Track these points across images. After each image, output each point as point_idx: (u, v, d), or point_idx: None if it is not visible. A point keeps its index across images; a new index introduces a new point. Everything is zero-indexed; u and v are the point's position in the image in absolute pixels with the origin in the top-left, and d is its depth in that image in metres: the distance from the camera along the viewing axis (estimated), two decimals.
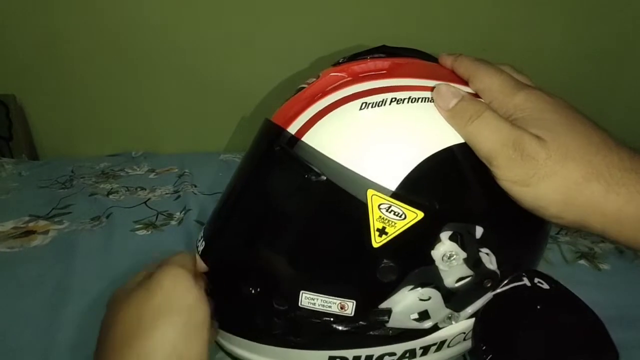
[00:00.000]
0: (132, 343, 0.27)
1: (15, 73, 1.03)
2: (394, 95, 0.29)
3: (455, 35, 1.04)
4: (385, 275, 0.29)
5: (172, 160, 0.98)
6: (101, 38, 1.00)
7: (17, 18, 0.98)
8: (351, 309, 0.29)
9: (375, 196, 0.28)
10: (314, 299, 0.29)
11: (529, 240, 0.34)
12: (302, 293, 0.29)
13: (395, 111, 0.29)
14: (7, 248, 0.64)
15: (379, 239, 0.28)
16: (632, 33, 1.08)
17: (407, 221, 0.28)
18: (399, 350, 0.33)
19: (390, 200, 0.28)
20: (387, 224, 0.28)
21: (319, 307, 0.29)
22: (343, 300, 0.29)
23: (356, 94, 0.30)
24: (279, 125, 0.31)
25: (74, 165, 0.96)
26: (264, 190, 0.31)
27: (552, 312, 0.31)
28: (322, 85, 0.32)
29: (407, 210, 0.28)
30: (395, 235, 0.28)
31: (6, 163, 0.97)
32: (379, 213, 0.27)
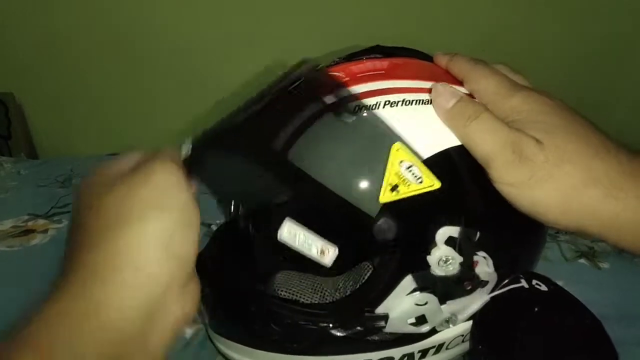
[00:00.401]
0: (116, 234, 0.24)
1: (14, 72, 1.03)
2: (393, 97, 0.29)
3: (454, 34, 1.04)
4: (380, 232, 0.27)
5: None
6: (101, 37, 1.00)
7: (17, 17, 0.98)
8: (330, 258, 0.28)
9: (400, 150, 0.27)
10: (296, 233, 0.27)
11: (527, 242, 0.34)
12: (286, 220, 0.27)
13: (397, 112, 0.29)
14: (6, 247, 0.64)
15: (388, 194, 0.27)
16: (632, 33, 1.08)
17: (423, 186, 0.27)
18: (397, 355, 0.32)
19: (413, 160, 0.27)
20: (402, 182, 0.27)
21: (298, 244, 0.28)
22: (326, 244, 0.28)
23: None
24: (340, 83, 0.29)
25: (73, 164, 0.96)
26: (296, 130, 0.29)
27: (550, 313, 0.31)
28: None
29: (426, 176, 0.27)
30: (406, 196, 0.27)
31: (5, 162, 0.97)
32: (398, 168, 0.27)
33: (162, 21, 0.99)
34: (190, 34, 1.00)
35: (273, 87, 0.30)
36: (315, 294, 0.39)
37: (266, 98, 0.29)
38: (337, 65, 0.34)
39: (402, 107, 0.29)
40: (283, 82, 0.30)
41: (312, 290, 0.39)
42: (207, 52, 1.01)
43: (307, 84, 0.29)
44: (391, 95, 0.29)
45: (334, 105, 0.28)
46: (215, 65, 1.01)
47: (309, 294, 0.38)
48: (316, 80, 0.29)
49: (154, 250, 0.24)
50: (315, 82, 0.29)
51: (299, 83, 0.29)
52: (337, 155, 0.27)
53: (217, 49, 1.00)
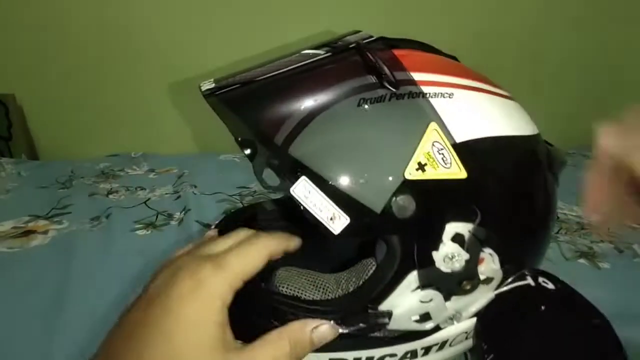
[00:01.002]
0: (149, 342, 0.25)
1: (15, 73, 1.03)
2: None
3: (451, 24, 1.04)
4: (398, 208, 0.26)
5: (171, 161, 0.98)
6: (102, 39, 1.00)
7: (18, 18, 0.98)
8: (340, 226, 0.26)
9: (435, 131, 0.27)
10: (310, 190, 0.26)
11: (533, 239, 0.34)
12: (302, 177, 0.26)
13: (439, 100, 0.29)
14: (6, 248, 0.63)
15: (414, 172, 0.26)
16: (634, 30, 1.09)
17: (449, 173, 0.27)
18: (400, 352, 0.32)
19: (445, 143, 0.27)
20: (431, 163, 0.26)
21: (310, 204, 0.26)
22: (338, 210, 0.27)
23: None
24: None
25: (73, 165, 0.96)
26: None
27: (557, 313, 0.30)
28: None
29: (454, 162, 0.27)
30: (431, 179, 0.26)
31: (6, 163, 0.97)
32: (429, 148, 0.27)
33: (162, 22, 0.99)
34: (190, 35, 1.00)
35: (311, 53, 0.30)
36: (317, 290, 0.38)
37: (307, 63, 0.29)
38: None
39: (443, 98, 0.29)
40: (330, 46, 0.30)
41: (314, 287, 0.38)
42: (207, 52, 1.01)
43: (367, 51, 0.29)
44: (434, 88, 0.29)
45: (382, 78, 0.28)
46: (215, 65, 1.01)
47: (310, 291, 0.38)
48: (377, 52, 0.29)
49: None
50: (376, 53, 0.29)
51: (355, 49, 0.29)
52: (374, 123, 0.27)
53: (217, 49, 1.00)
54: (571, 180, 0.93)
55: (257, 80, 0.29)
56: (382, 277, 0.30)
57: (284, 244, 0.30)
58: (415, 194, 0.27)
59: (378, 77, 0.28)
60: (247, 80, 0.29)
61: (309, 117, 0.27)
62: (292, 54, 0.31)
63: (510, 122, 0.32)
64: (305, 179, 0.26)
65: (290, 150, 0.27)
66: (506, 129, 0.31)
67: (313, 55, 0.30)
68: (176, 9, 0.99)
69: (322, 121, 0.27)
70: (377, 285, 0.30)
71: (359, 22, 0.57)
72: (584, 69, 1.12)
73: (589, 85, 1.13)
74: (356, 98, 0.27)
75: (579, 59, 1.11)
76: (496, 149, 0.29)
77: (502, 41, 1.07)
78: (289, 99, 0.28)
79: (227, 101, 0.28)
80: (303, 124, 0.27)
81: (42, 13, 0.98)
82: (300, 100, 0.28)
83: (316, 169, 0.26)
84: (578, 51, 1.10)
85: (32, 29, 0.99)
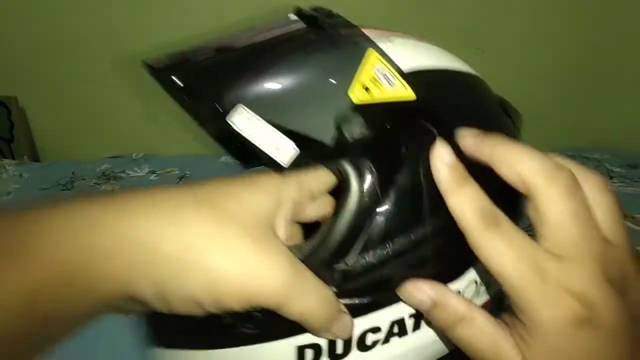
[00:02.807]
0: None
1: (17, 75, 1.03)
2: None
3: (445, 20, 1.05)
4: (347, 127, 0.25)
5: (172, 162, 0.98)
6: (102, 40, 1.01)
7: (19, 20, 0.99)
8: (287, 156, 0.24)
9: (375, 56, 0.26)
10: (250, 120, 0.24)
11: None
12: (240, 107, 0.24)
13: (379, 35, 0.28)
14: None
15: (358, 94, 0.25)
16: (633, 32, 1.09)
17: (397, 94, 0.25)
18: (383, 323, 0.27)
19: (388, 67, 0.26)
20: (375, 85, 0.25)
21: (250, 134, 0.24)
22: (284, 139, 0.24)
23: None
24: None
25: (75, 167, 0.96)
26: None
27: None
28: None
29: (400, 84, 0.25)
30: (378, 101, 0.25)
31: (7, 164, 0.97)
32: (371, 72, 0.25)
33: (162, 23, 0.99)
34: (190, 35, 1.00)
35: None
36: None
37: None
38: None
39: (384, 43, 0.27)
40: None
41: None
42: None
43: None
44: (375, 36, 0.28)
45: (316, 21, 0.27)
46: None
47: None
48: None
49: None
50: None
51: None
52: (315, 58, 0.26)
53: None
54: None
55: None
56: (343, 219, 0.26)
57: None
58: (362, 114, 0.25)
59: (320, 27, 0.27)
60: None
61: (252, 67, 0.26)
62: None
63: (456, 61, 0.30)
64: (243, 106, 0.24)
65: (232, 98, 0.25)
66: (452, 64, 0.29)
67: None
68: (176, 10, 0.99)
69: (259, 66, 0.26)
70: (338, 231, 0.26)
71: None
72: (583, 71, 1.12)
73: (588, 89, 1.14)
74: (298, 46, 0.26)
75: (579, 65, 1.11)
76: (445, 77, 0.28)
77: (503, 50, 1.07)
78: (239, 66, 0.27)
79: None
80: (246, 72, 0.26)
81: (44, 15, 0.98)
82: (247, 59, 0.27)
83: (255, 98, 0.25)
84: (577, 57, 1.11)
85: (33, 32, 0.99)
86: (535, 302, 0.20)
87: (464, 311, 0.23)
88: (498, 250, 0.21)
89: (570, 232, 0.20)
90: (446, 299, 0.24)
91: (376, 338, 0.27)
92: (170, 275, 0.21)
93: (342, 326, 0.25)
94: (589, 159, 0.99)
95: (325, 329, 0.24)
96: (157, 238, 0.21)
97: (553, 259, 0.20)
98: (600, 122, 1.15)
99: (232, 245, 0.22)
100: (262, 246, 0.22)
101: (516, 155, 0.22)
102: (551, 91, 1.13)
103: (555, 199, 0.21)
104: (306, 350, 0.26)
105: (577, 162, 0.23)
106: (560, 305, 0.20)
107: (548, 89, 1.12)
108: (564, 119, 1.15)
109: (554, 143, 1.09)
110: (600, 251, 0.21)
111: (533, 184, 0.21)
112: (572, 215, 0.20)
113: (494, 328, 0.22)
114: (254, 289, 0.22)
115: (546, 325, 0.20)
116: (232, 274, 0.21)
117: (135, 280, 0.20)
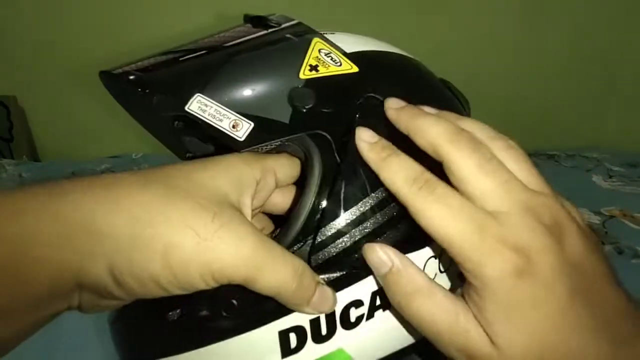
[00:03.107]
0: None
1: (17, 74, 1.03)
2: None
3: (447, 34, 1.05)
4: (299, 98, 0.26)
5: (172, 162, 0.98)
6: (101, 39, 1.01)
7: (19, 20, 0.99)
8: (244, 132, 0.26)
9: (320, 42, 0.28)
10: (208, 105, 0.26)
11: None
12: (197, 95, 0.25)
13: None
14: None
15: (307, 73, 0.27)
16: (632, 32, 1.09)
17: (342, 69, 0.28)
18: (365, 296, 0.26)
19: (332, 50, 0.28)
20: (321, 64, 0.27)
21: (208, 117, 0.25)
22: (240, 118, 0.26)
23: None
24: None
25: (74, 167, 0.96)
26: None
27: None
28: None
29: (344, 61, 0.28)
30: (325, 75, 0.27)
31: (7, 164, 0.97)
32: (316, 54, 0.28)
33: (161, 23, 0.99)
34: (190, 35, 1.00)
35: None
36: None
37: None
38: None
39: (327, 35, 0.30)
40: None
41: None
42: None
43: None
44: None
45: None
46: None
47: None
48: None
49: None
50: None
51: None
52: (264, 49, 0.28)
53: None
54: (577, 182, 0.93)
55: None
56: (310, 192, 0.27)
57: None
58: (313, 88, 0.27)
59: (269, 27, 0.29)
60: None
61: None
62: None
63: (398, 49, 0.32)
64: (200, 94, 0.25)
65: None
66: (394, 50, 0.31)
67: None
68: (176, 11, 0.99)
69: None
70: (305, 205, 0.26)
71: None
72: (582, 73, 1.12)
73: (587, 91, 1.14)
74: (250, 44, 0.28)
75: (578, 64, 1.11)
76: (386, 57, 0.30)
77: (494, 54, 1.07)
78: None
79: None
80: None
81: (43, 15, 0.98)
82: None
83: (210, 87, 0.26)
84: (577, 58, 1.11)
85: (33, 31, 0.99)
86: (478, 259, 0.20)
87: (422, 283, 0.23)
88: (435, 212, 0.21)
89: (485, 184, 0.21)
90: (406, 266, 0.23)
91: (360, 313, 0.26)
92: (120, 251, 0.20)
93: (322, 298, 0.24)
94: (588, 158, 0.99)
95: (302, 300, 0.23)
96: (102, 215, 0.20)
97: (486, 215, 0.21)
98: (600, 122, 1.15)
99: (183, 217, 0.21)
100: (220, 219, 0.21)
101: (425, 124, 0.24)
102: (551, 91, 1.13)
103: (459, 157, 0.22)
104: (290, 335, 0.26)
105: (486, 126, 0.25)
106: (499, 259, 0.20)
107: (548, 89, 1.12)
108: (564, 118, 1.15)
109: (554, 143, 1.09)
110: (526, 199, 0.21)
111: (440, 148, 0.22)
112: (478, 167, 0.21)
113: (453, 303, 0.22)
114: (215, 262, 0.21)
115: (491, 281, 0.20)
116: (186, 244, 0.20)
117: (85, 263, 0.19)
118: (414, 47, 0.34)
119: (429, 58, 0.33)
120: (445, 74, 0.32)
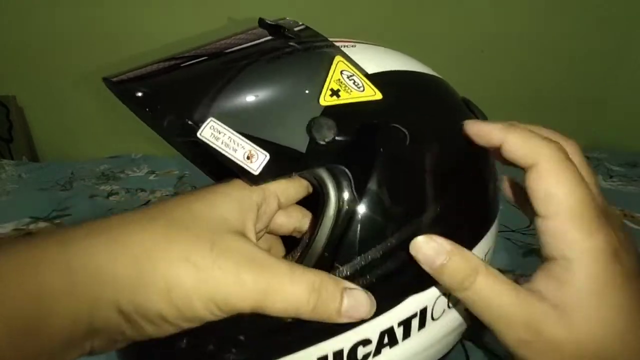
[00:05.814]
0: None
1: (16, 75, 1.03)
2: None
3: (453, 31, 1.04)
4: (318, 130, 0.25)
5: (172, 162, 0.98)
6: (101, 40, 1.01)
7: (18, 20, 0.99)
8: (259, 165, 0.24)
9: (342, 62, 0.27)
10: (221, 132, 0.24)
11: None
12: (210, 120, 0.24)
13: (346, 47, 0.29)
14: None
15: (328, 98, 0.25)
16: (632, 32, 1.09)
17: (365, 95, 0.26)
18: (373, 335, 0.26)
19: (355, 71, 0.27)
20: (343, 88, 0.26)
21: (220, 145, 0.24)
22: (255, 148, 0.24)
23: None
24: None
25: (74, 167, 0.96)
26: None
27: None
28: None
29: (367, 86, 0.27)
30: (347, 102, 0.26)
31: (6, 165, 0.97)
32: (338, 76, 0.26)
33: (161, 23, 0.99)
34: (190, 35, 1.00)
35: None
36: None
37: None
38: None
39: (347, 48, 0.28)
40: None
41: None
42: None
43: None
44: (339, 43, 0.29)
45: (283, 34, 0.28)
46: None
47: None
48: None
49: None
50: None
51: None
52: (283, 69, 0.26)
53: None
54: None
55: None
56: (324, 228, 0.26)
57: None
58: (334, 117, 0.25)
59: (287, 38, 0.28)
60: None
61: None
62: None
63: (420, 64, 0.31)
64: (213, 119, 0.24)
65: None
66: (416, 67, 0.30)
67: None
68: (175, 11, 0.99)
69: (232, 86, 0.26)
70: (318, 243, 0.26)
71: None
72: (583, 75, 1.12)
73: (587, 92, 1.14)
74: (266, 58, 0.27)
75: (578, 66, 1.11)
76: (410, 79, 0.29)
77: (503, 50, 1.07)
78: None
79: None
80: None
81: (43, 15, 0.98)
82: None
83: (224, 111, 0.24)
84: (578, 59, 1.11)
85: (33, 31, 0.99)
86: (577, 233, 0.21)
87: (479, 262, 0.23)
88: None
89: (579, 194, 0.22)
90: (460, 249, 0.23)
91: (367, 351, 0.26)
92: (126, 291, 0.20)
93: (355, 303, 0.23)
94: (589, 158, 0.99)
95: (329, 313, 0.22)
96: (106, 259, 0.20)
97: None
98: (600, 122, 1.15)
99: (182, 250, 0.21)
100: (219, 246, 0.21)
101: (520, 136, 0.24)
102: (551, 91, 1.13)
103: (558, 170, 0.22)
104: None
105: (554, 131, 0.26)
106: (598, 236, 0.21)
107: (548, 89, 1.12)
108: (564, 118, 1.15)
109: None
110: (604, 208, 0.23)
111: (538, 159, 0.23)
112: (577, 180, 0.22)
113: (509, 280, 0.22)
114: (217, 292, 0.21)
115: (588, 254, 0.21)
116: (186, 279, 0.20)
117: (95, 309, 0.19)
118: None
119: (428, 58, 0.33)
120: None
